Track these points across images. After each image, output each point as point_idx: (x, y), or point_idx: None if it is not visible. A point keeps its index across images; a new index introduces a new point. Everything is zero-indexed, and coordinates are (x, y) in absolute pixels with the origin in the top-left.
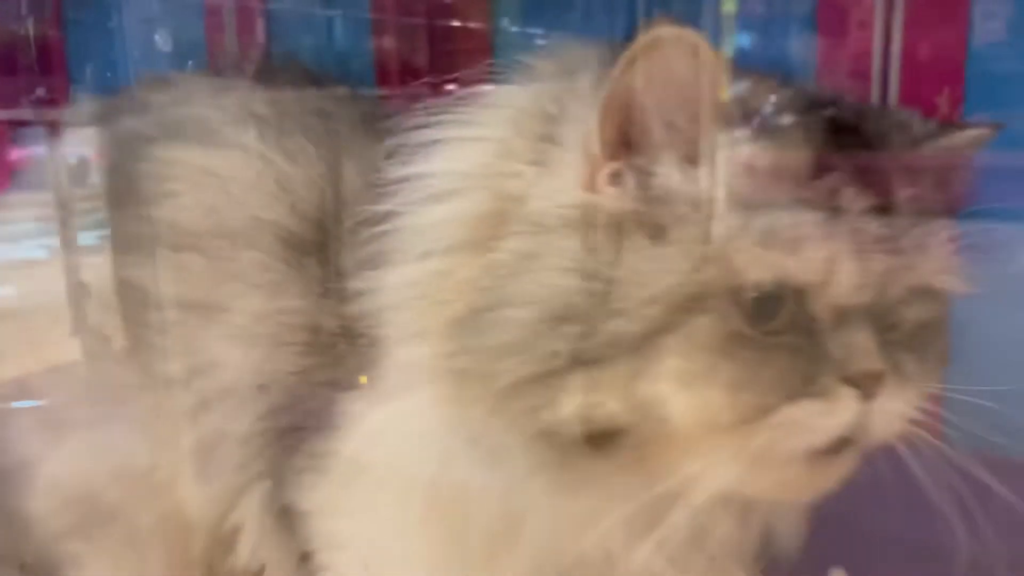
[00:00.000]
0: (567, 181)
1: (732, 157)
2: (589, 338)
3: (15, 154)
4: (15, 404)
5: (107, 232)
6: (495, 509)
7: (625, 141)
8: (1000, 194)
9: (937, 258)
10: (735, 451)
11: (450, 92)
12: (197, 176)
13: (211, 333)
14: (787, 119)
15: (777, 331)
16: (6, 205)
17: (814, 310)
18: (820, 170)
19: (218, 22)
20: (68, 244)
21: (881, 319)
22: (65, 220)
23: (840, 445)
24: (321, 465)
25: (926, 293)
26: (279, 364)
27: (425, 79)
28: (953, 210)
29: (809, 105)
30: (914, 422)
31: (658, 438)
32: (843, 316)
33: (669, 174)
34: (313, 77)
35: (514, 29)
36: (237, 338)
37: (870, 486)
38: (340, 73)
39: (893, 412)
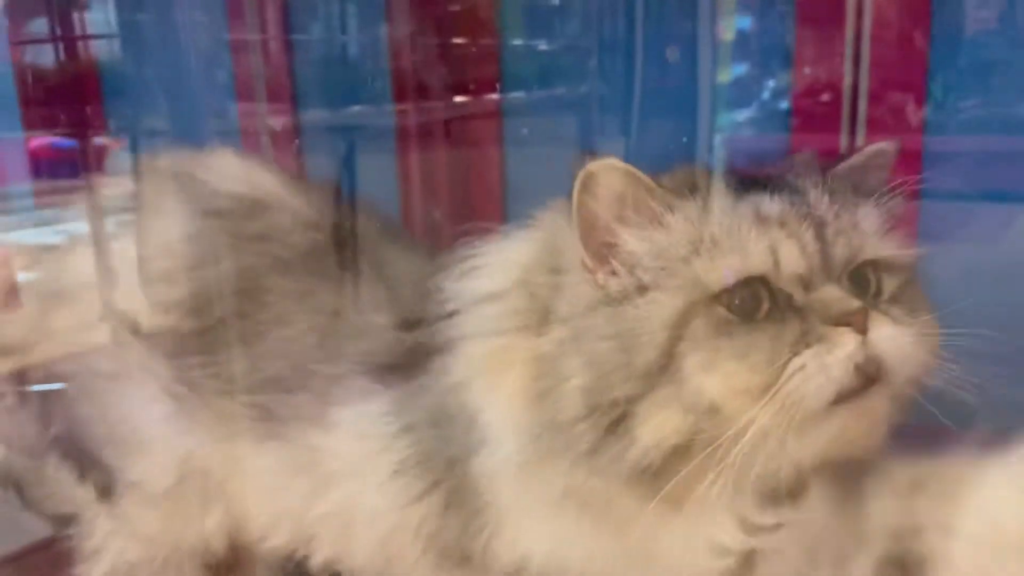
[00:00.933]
0: (579, 290)
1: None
2: (631, 378)
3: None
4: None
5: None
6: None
7: (603, 244)
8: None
9: (871, 235)
10: (775, 409)
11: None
12: None
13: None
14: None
15: (758, 311)
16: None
17: (780, 286)
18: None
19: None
20: (96, 231)
21: (857, 284)
22: (94, 209)
23: (863, 384)
24: None
25: (882, 264)
26: None
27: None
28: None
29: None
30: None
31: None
32: (807, 283)
33: (634, 247)
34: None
35: (519, 42)
36: None
37: None
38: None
39: (892, 339)
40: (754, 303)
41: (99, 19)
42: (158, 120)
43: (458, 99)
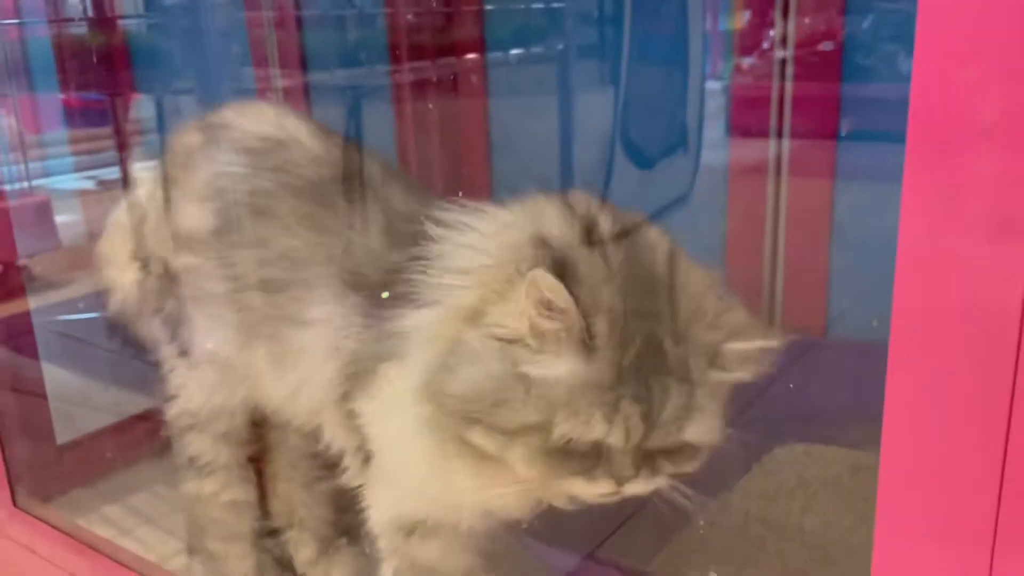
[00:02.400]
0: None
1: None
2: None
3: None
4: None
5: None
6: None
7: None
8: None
9: (690, 427)
10: (554, 489)
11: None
12: None
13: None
14: None
15: (576, 450)
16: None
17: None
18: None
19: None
20: (129, 176)
21: (658, 447)
22: (127, 156)
23: (609, 497)
24: (372, 389)
25: (687, 446)
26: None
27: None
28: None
29: None
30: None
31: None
32: (617, 450)
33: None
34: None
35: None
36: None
37: None
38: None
39: (637, 491)
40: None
41: None
42: (180, 80)
43: (448, 59)
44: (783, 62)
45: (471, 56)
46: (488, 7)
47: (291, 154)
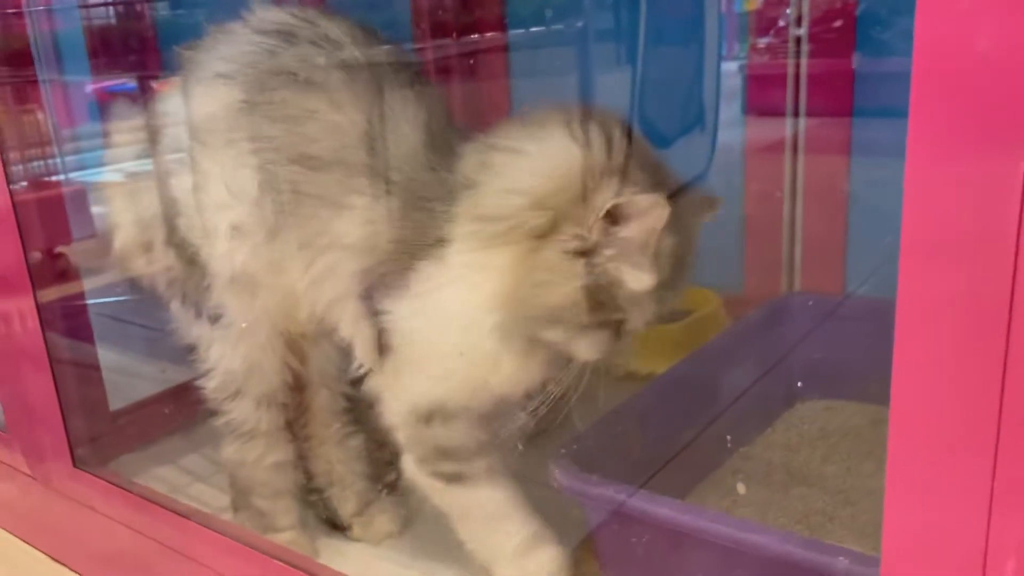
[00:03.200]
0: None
1: None
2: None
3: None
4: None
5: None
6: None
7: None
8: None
9: None
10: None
11: None
12: None
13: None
14: None
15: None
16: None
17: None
18: None
19: None
20: (161, 168)
21: None
22: (157, 149)
23: None
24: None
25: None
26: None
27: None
28: None
29: None
30: None
31: None
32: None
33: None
34: None
35: None
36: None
37: None
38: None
39: None
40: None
41: None
42: None
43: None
44: (798, 40)
45: (491, 35)
46: None
47: (331, 31)
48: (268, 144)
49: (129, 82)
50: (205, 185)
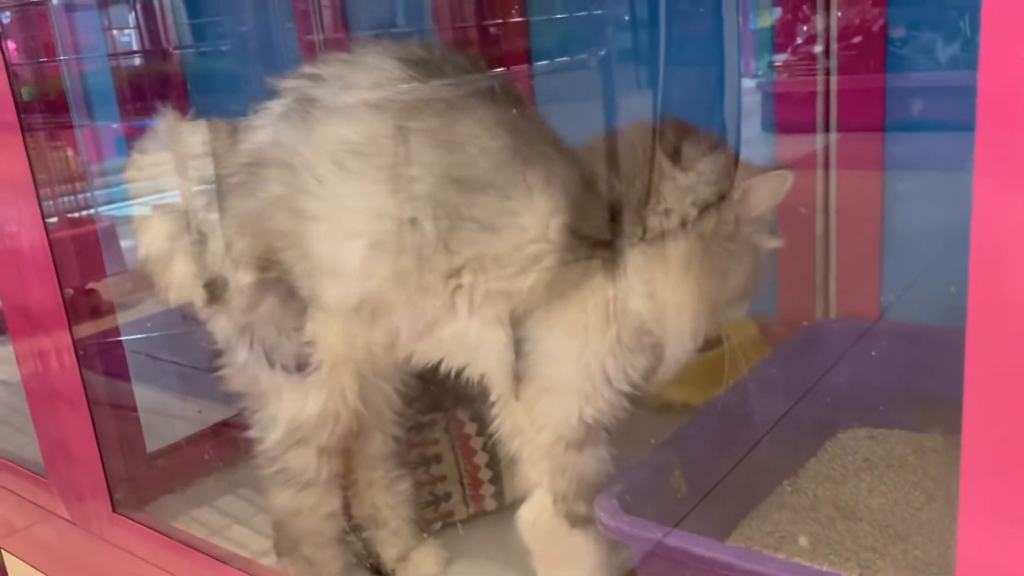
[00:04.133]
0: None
1: None
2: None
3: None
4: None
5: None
6: None
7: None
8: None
9: None
10: None
11: None
12: None
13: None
14: None
15: None
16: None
17: None
18: None
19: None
20: (189, 202)
21: None
22: (186, 184)
23: None
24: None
25: None
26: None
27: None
28: None
29: None
30: None
31: None
32: None
33: None
34: None
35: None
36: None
37: None
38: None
39: None
40: None
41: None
42: (235, 103)
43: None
44: (819, 56)
45: (518, 67)
46: (533, 18)
47: (459, 60)
48: (426, 169)
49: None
50: (336, 213)
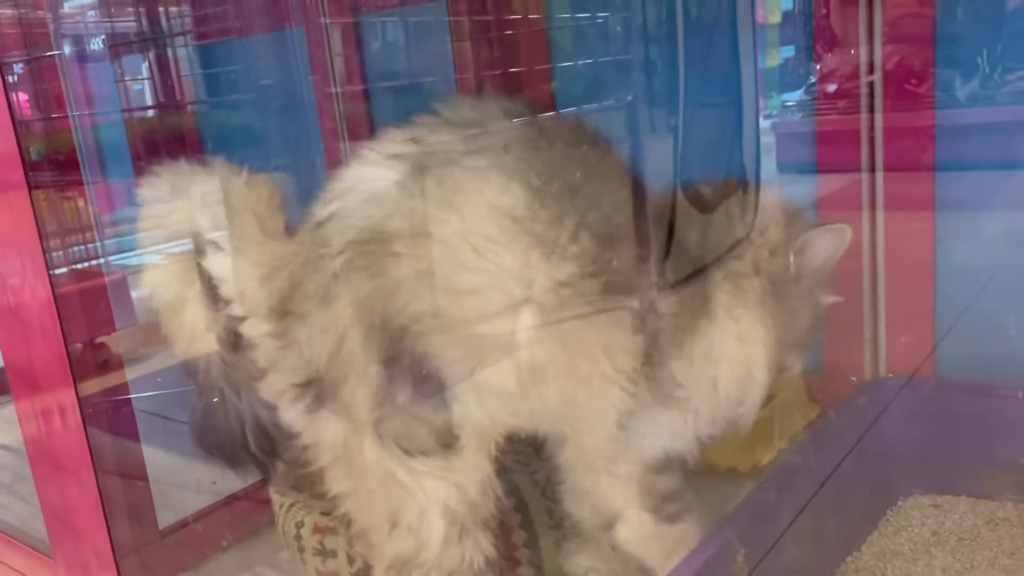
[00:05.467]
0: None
1: None
2: None
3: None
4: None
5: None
6: None
7: None
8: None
9: None
10: None
11: None
12: None
13: None
14: None
15: None
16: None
17: None
18: None
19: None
20: (201, 252)
21: None
22: (198, 233)
23: None
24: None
25: None
26: None
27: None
28: None
29: None
30: None
31: None
32: None
33: None
34: None
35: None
36: None
37: None
38: None
39: None
40: None
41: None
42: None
43: None
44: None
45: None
46: (557, 64)
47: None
48: (576, 224)
49: None
50: (497, 283)
